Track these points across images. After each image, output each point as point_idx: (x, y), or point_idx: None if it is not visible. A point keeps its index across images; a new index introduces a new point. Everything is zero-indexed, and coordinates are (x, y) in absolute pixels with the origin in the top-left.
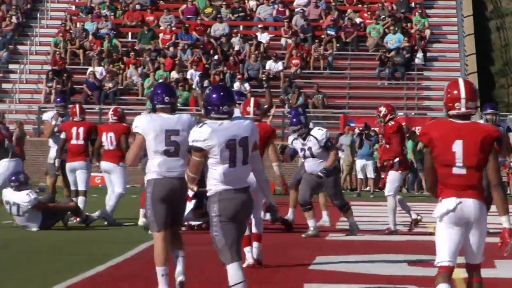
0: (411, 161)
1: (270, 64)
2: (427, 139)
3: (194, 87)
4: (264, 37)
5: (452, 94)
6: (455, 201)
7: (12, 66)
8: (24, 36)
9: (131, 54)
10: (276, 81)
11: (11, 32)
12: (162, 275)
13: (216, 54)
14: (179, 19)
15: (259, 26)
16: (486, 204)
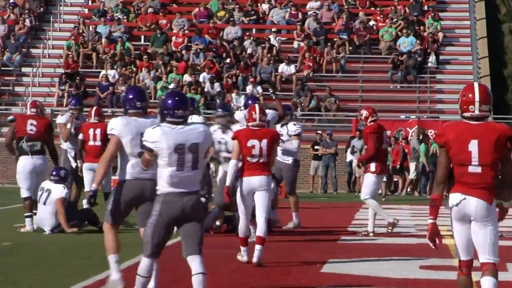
0: (423, 164)
1: (283, 67)
2: (443, 140)
3: (206, 90)
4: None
5: (467, 97)
6: (459, 197)
7: (25, 69)
8: (37, 39)
9: (144, 57)
10: (288, 84)
11: (24, 35)
12: (115, 261)
13: (228, 57)
14: (192, 23)
15: (272, 30)
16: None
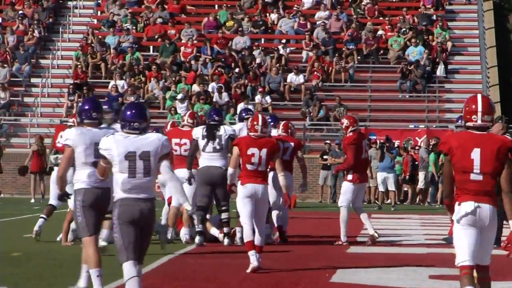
0: (432, 173)
1: (291, 77)
2: (447, 148)
3: (214, 100)
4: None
5: (470, 107)
6: (473, 204)
7: (34, 80)
8: (46, 50)
9: (153, 67)
10: (297, 94)
11: (33, 46)
12: (97, 276)
13: (237, 67)
14: (200, 33)
15: (282, 41)
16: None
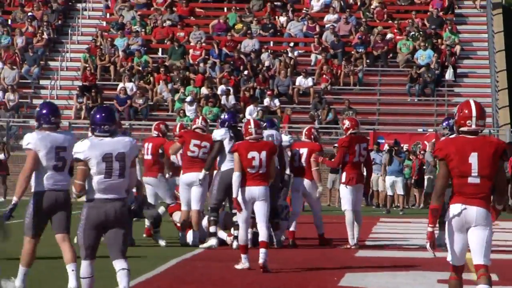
0: None
1: (300, 80)
2: (444, 154)
3: (222, 103)
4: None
5: (464, 113)
6: (460, 207)
7: (43, 82)
8: (55, 52)
9: (161, 70)
10: (306, 97)
11: (42, 48)
12: (24, 274)
13: (246, 70)
14: (209, 35)
15: (290, 44)
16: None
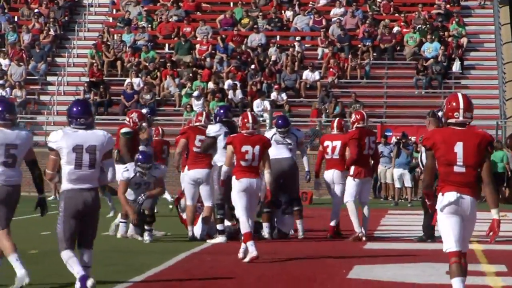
0: None
1: (307, 74)
2: (431, 143)
3: (230, 97)
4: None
5: (452, 105)
6: (456, 195)
7: (50, 78)
8: (62, 48)
9: (168, 65)
10: (313, 91)
11: (49, 44)
12: (16, 259)
13: (253, 64)
14: (215, 30)
15: (296, 38)
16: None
